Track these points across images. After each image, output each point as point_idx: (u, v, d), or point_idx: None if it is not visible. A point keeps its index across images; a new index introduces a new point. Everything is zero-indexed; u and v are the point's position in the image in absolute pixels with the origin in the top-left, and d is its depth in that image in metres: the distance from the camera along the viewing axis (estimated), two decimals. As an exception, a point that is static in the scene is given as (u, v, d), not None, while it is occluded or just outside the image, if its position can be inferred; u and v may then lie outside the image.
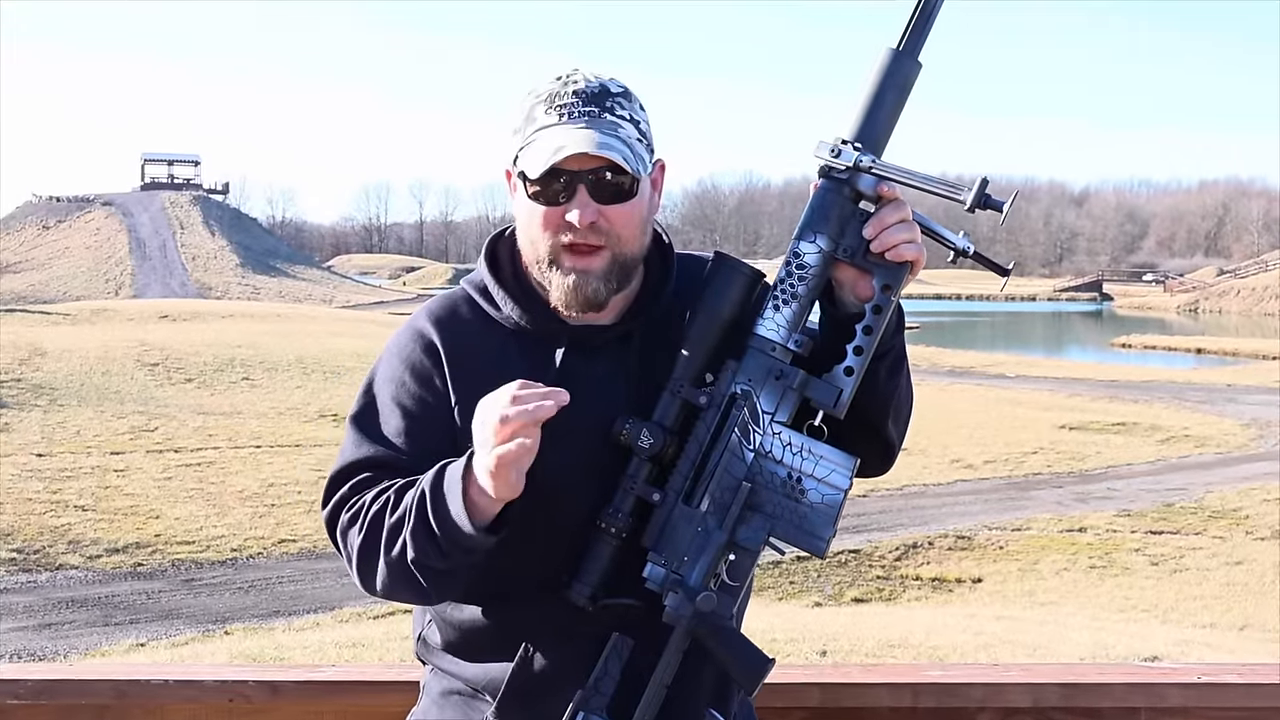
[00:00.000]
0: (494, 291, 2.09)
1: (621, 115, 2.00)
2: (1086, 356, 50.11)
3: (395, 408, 2.06)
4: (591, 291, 1.99)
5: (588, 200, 1.96)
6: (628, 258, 2.02)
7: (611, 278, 2.00)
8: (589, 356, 2.03)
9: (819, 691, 2.56)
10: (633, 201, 2.00)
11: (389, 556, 1.93)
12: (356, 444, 2.07)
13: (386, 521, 1.94)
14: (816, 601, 12.87)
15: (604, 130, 1.96)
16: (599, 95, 1.99)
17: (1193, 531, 15.91)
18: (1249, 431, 24.42)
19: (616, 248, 2.00)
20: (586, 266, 1.99)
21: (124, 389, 25.68)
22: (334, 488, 2.06)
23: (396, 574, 1.94)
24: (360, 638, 9.76)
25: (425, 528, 1.88)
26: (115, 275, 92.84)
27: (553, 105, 1.99)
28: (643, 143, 2.02)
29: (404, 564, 1.91)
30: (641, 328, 2.06)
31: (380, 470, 2.03)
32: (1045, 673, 2.65)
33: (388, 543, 1.93)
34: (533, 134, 1.99)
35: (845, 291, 1.98)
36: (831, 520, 1.91)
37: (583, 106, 1.98)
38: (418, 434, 2.03)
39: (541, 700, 1.97)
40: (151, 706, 2.65)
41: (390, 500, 1.95)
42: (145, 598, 12.59)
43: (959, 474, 19.20)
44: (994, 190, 1.86)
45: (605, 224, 1.97)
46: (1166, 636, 10.49)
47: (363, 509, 1.98)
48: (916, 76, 1.97)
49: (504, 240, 2.15)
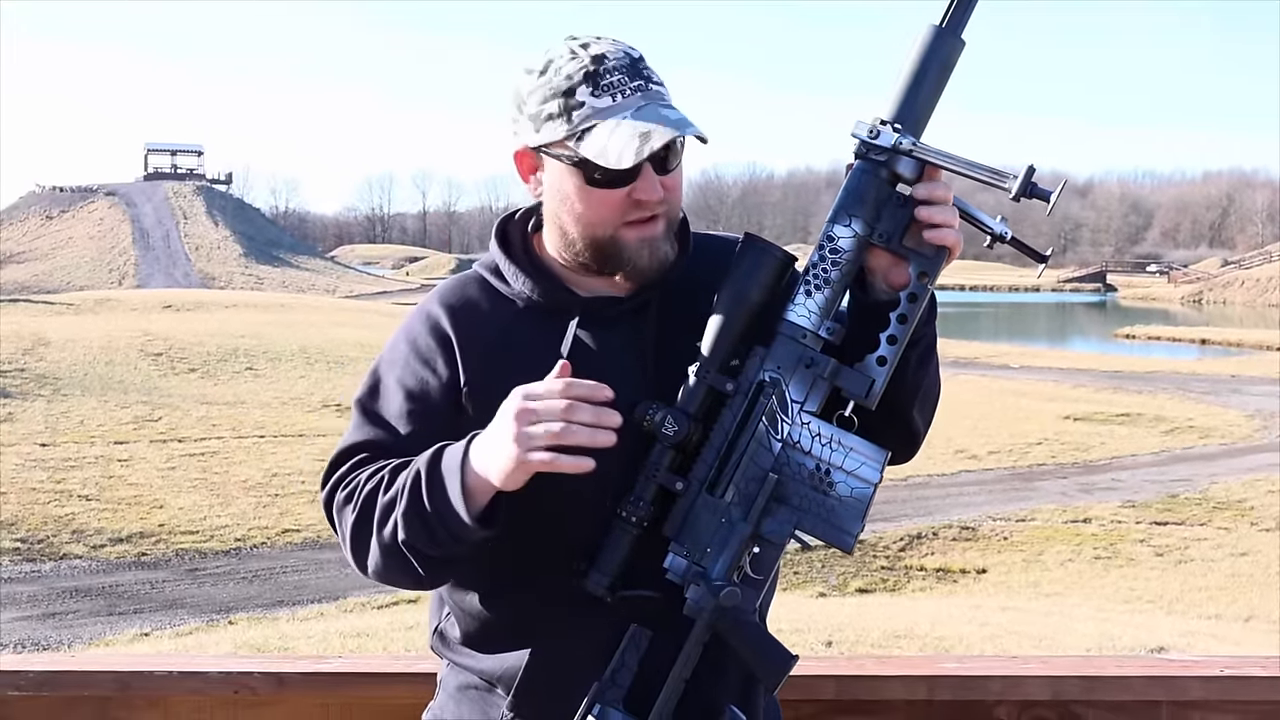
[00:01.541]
0: (505, 268, 2.04)
1: (658, 81, 1.95)
2: (1090, 347, 50.05)
3: (399, 390, 2.01)
4: (663, 255, 1.96)
5: (653, 175, 1.91)
6: (677, 218, 2.00)
7: (670, 239, 1.97)
8: (604, 329, 1.97)
9: (834, 684, 2.52)
10: (680, 167, 1.97)
11: (380, 537, 1.89)
12: (358, 426, 2.03)
13: (379, 501, 1.89)
14: (821, 592, 12.85)
15: (661, 104, 1.91)
16: (634, 67, 1.93)
17: (1197, 523, 15.88)
18: (1253, 422, 24.38)
19: (670, 212, 1.97)
20: (652, 234, 1.94)
21: (128, 379, 25.69)
22: (333, 469, 2.02)
23: (388, 556, 1.90)
24: (365, 628, 9.73)
25: (418, 511, 1.83)
26: (119, 265, 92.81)
27: (598, 86, 1.90)
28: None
29: (395, 546, 1.87)
30: (657, 299, 2.01)
31: (380, 452, 1.99)
32: (1064, 665, 2.61)
33: (379, 523, 1.89)
34: (587, 119, 1.90)
35: (878, 278, 1.91)
36: (860, 514, 1.85)
37: (630, 82, 1.91)
38: (421, 417, 1.98)
39: (557, 692, 1.92)
40: (155, 698, 2.62)
41: (384, 479, 1.91)
42: (149, 587, 12.58)
43: (963, 465, 19.17)
44: (1038, 179, 1.79)
45: (665, 194, 1.94)
46: (1172, 627, 10.46)
47: (357, 488, 1.94)
48: (959, 55, 1.89)
49: (514, 222, 2.11)
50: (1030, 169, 1.79)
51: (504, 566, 1.97)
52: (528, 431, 1.76)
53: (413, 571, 1.89)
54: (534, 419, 1.76)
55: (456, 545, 1.84)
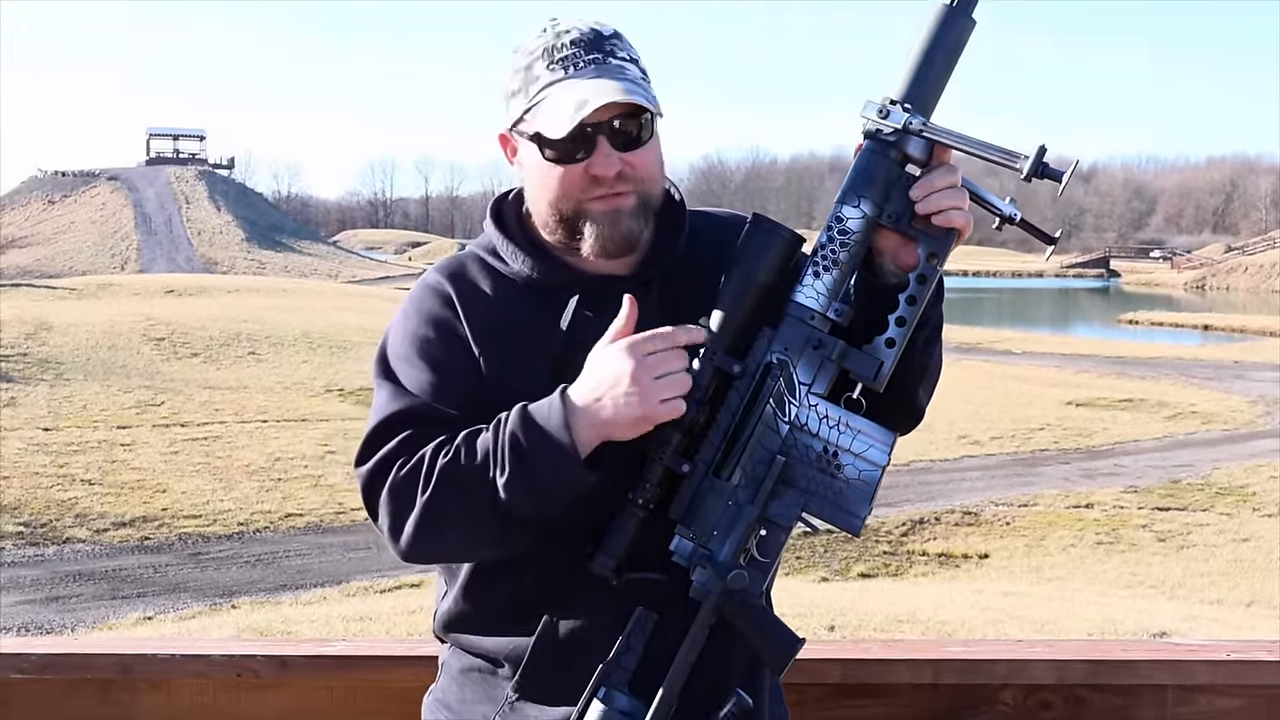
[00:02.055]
0: (502, 247, 2.03)
1: (622, 57, 1.93)
2: (1093, 333, 50.06)
3: (421, 359, 1.97)
4: (626, 230, 1.92)
5: (610, 150, 1.89)
6: (652, 197, 1.96)
7: (641, 216, 1.94)
8: (604, 308, 1.93)
9: (839, 667, 2.52)
10: (651, 143, 1.94)
11: (465, 506, 1.84)
12: (391, 398, 1.97)
13: (462, 470, 1.84)
14: (823, 577, 12.85)
15: (616, 76, 1.89)
16: (595, 41, 1.92)
17: (1200, 508, 15.88)
18: (1256, 408, 24.37)
19: (642, 189, 1.94)
20: (617, 206, 1.92)
21: (130, 363, 25.69)
22: (375, 444, 1.94)
23: (472, 525, 1.85)
24: (367, 611, 9.74)
25: (524, 467, 1.80)
26: (121, 250, 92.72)
27: (554, 60, 1.91)
28: (647, 80, 1.96)
29: (487, 512, 1.83)
30: (659, 277, 1.99)
31: (419, 424, 1.93)
32: (1070, 649, 2.60)
33: (465, 491, 1.84)
34: (539, 93, 1.91)
35: (886, 259, 1.89)
36: (868, 497, 1.83)
37: (585, 55, 1.90)
38: (448, 385, 1.94)
39: (563, 675, 1.91)
40: (158, 680, 2.62)
41: (461, 449, 1.86)
42: (152, 571, 12.59)
43: (966, 450, 19.17)
44: (1050, 159, 1.77)
45: (630, 170, 1.91)
46: (1174, 612, 10.46)
47: (423, 463, 1.88)
48: (970, 35, 1.87)
49: (508, 202, 2.10)
50: (1042, 149, 1.77)
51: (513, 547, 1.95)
52: (658, 384, 1.79)
53: (501, 540, 1.87)
54: (658, 371, 1.79)
55: (561, 497, 1.82)
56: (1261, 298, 79.87)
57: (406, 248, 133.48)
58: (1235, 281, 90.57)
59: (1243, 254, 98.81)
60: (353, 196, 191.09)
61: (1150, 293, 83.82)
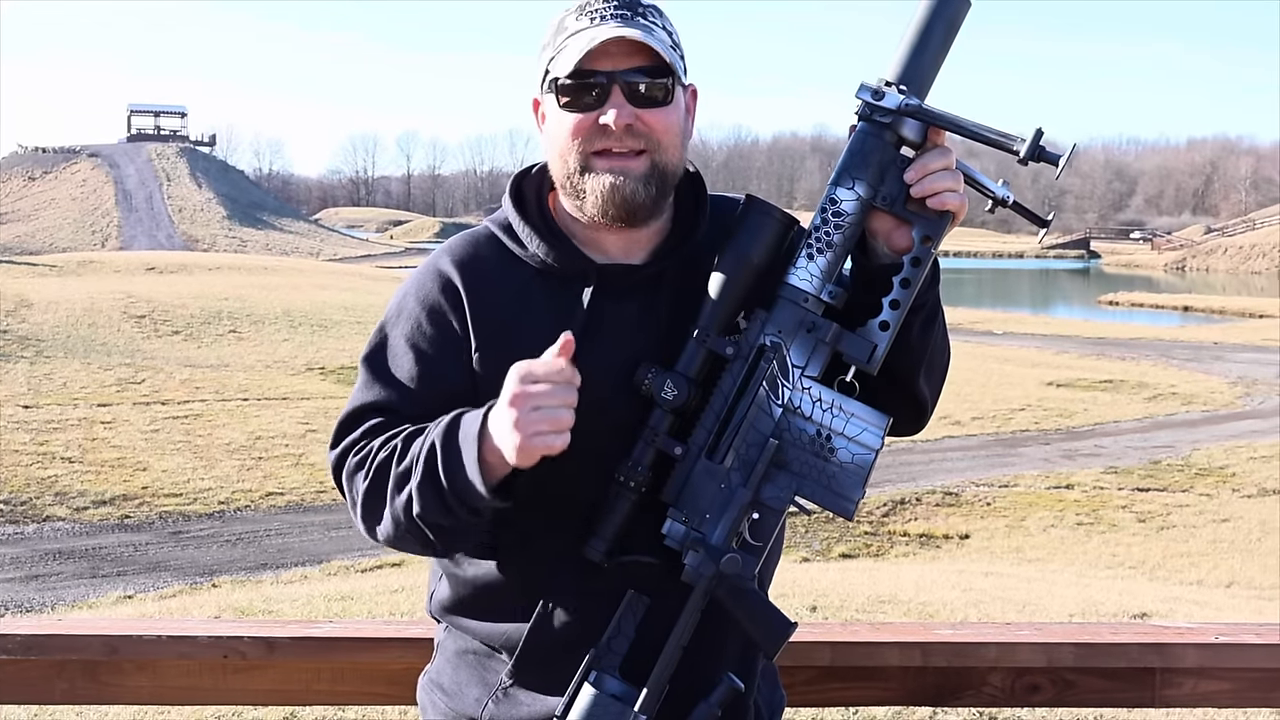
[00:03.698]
0: (519, 228, 2.00)
1: (654, 21, 1.92)
2: (1074, 314, 50.17)
3: (409, 350, 1.96)
4: (630, 192, 1.89)
5: (623, 101, 1.87)
6: (667, 167, 1.93)
7: (651, 183, 1.91)
8: (618, 298, 1.94)
9: (829, 650, 2.52)
10: (670, 107, 1.91)
11: (394, 507, 1.86)
12: (367, 385, 1.98)
13: (393, 471, 1.86)
14: (805, 557, 12.85)
15: (639, 27, 1.87)
16: (631, 2, 1.91)
17: (1179, 489, 15.93)
18: (1235, 389, 24.45)
19: (656, 153, 1.91)
20: (625, 167, 1.89)
21: (111, 341, 25.57)
22: (343, 431, 1.97)
23: (401, 526, 1.86)
24: (349, 591, 9.71)
25: (433, 483, 1.80)
26: (102, 227, 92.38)
27: (583, 12, 1.90)
28: (676, 51, 1.94)
29: (409, 517, 1.84)
30: (673, 268, 1.97)
31: (391, 415, 1.95)
32: (1058, 632, 2.61)
33: (392, 493, 1.85)
34: (563, 41, 1.90)
35: (880, 242, 1.89)
36: (861, 481, 1.83)
37: (615, 10, 1.89)
38: (432, 377, 1.94)
39: (559, 659, 1.91)
40: (144, 662, 2.61)
41: (398, 448, 1.87)
42: (133, 550, 12.54)
43: (946, 430, 19.16)
44: (1047, 142, 1.76)
45: (643, 128, 1.88)
46: (1154, 593, 10.49)
47: (370, 455, 1.90)
48: (965, 15, 1.86)
49: (529, 178, 2.07)
50: (1039, 132, 1.76)
51: (504, 532, 1.95)
52: (531, 417, 1.72)
53: (425, 541, 1.87)
54: (535, 404, 1.73)
55: (471, 516, 1.81)
56: (1241, 279, 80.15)
57: (388, 226, 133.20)
58: (1215, 263, 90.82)
59: (1222, 235, 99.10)
60: (334, 174, 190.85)
61: (1130, 274, 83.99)
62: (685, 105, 1.97)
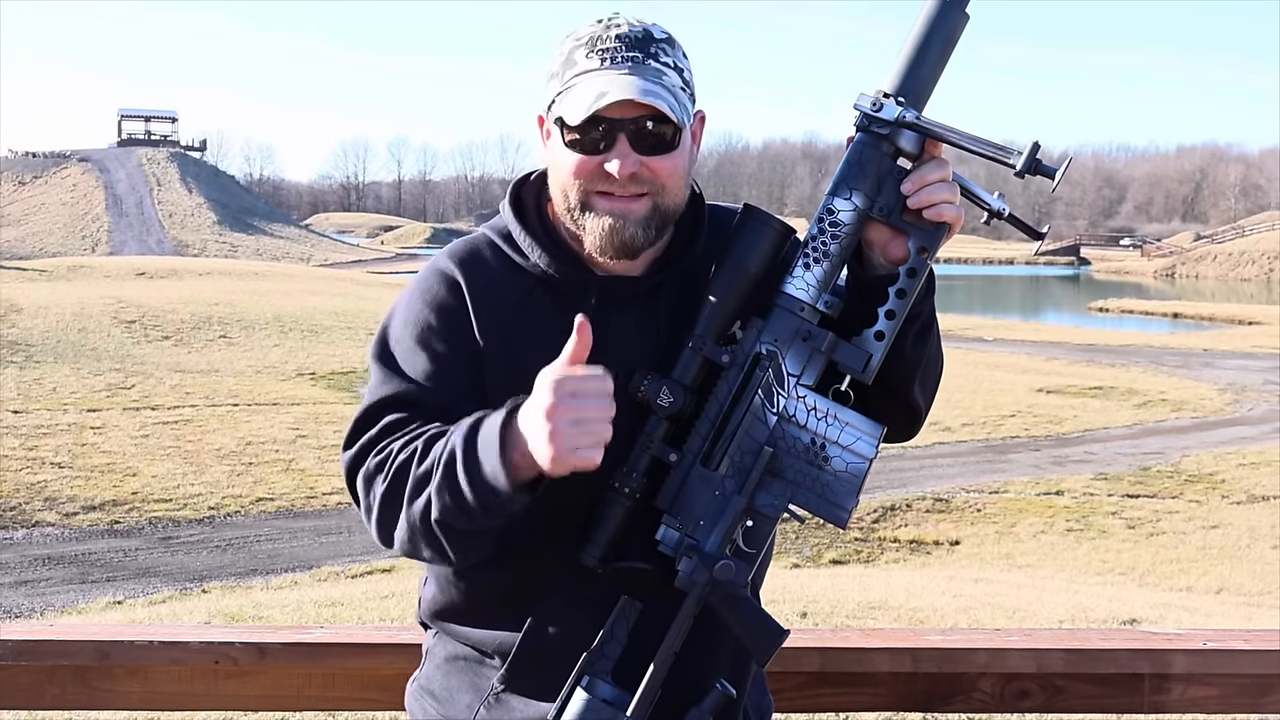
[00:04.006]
0: (519, 237, 2.00)
1: (665, 62, 1.91)
2: (1064, 320, 50.33)
3: (420, 349, 1.95)
4: (629, 236, 1.90)
5: (628, 150, 1.87)
6: (669, 208, 1.93)
7: (651, 225, 1.91)
8: (618, 309, 1.94)
9: (819, 656, 2.52)
10: (675, 153, 1.91)
11: (410, 511, 1.82)
12: (383, 382, 1.95)
13: (412, 473, 1.82)
14: (795, 563, 12.86)
15: (648, 77, 1.87)
16: (643, 40, 1.90)
17: (1169, 495, 15.96)
18: (1225, 396, 24.51)
19: (659, 196, 1.91)
20: (626, 210, 1.89)
21: (101, 346, 25.55)
22: (361, 428, 1.94)
23: (418, 531, 1.83)
24: (339, 597, 9.70)
25: (453, 486, 1.76)
26: (92, 232, 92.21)
27: (594, 49, 1.89)
28: (686, 92, 1.93)
29: (426, 522, 1.80)
30: (673, 280, 1.98)
31: (411, 409, 1.92)
32: (1048, 638, 2.62)
33: (411, 496, 1.82)
34: (572, 79, 1.90)
35: (876, 252, 1.90)
36: (855, 490, 1.84)
37: (626, 51, 1.88)
38: (446, 375, 1.92)
39: (551, 664, 1.91)
40: (135, 668, 2.60)
41: (419, 450, 1.84)
42: (122, 555, 12.52)
43: (936, 436, 19.19)
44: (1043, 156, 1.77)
45: (647, 174, 1.88)
46: (1144, 599, 10.51)
47: (390, 457, 1.87)
48: (964, 29, 1.88)
49: (529, 185, 2.07)
50: (1035, 145, 1.78)
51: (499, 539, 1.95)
52: (572, 431, 1.69)
53: (439, 548, 1.84)
54: (576, 417, 1.70)
55: (496, 519, 1.79)
56: (1230, 286, 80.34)
57: (379, 231, 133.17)
58: (1204, 270, 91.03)
59: (1212, 242, 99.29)
60: (325, 179, 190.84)
61: (1120, 280, 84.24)
62: (692, 135, 1.97)
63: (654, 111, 1.86)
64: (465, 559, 1.88)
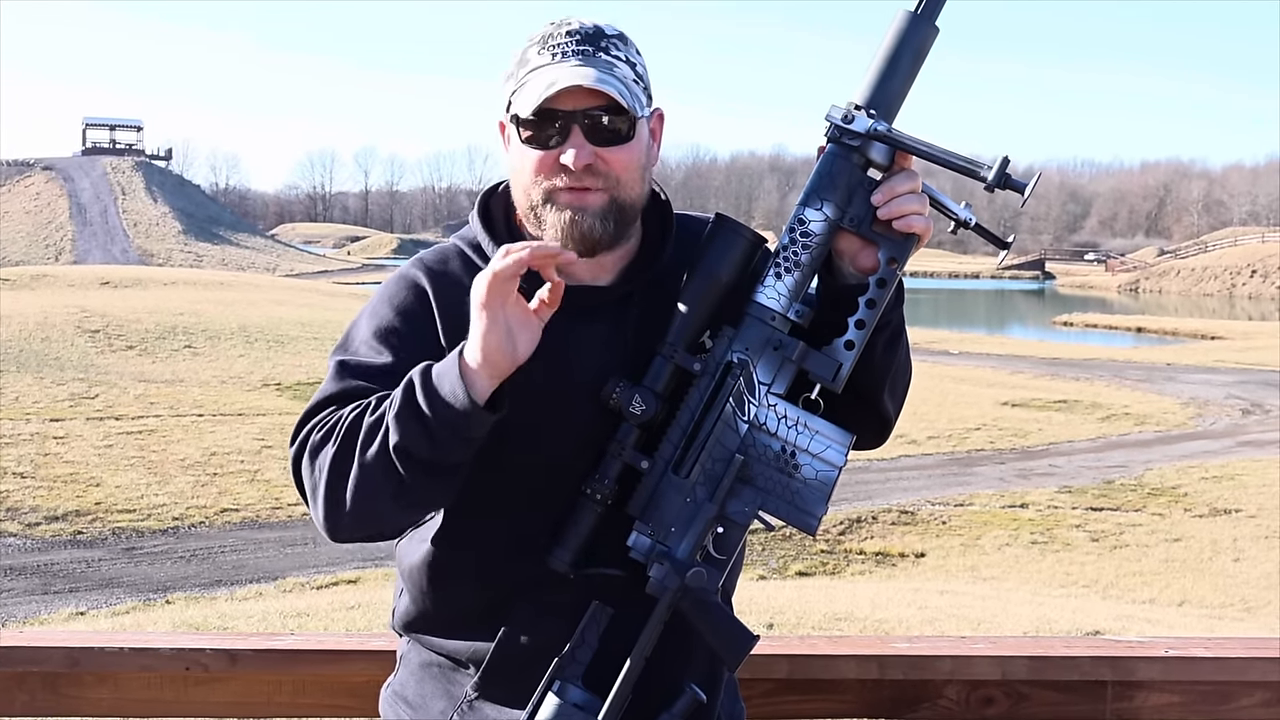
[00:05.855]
0: (488, 248, 2.01)
1: (617, 56, 1.94)
2: (1029, 334, 50.57)
3: (383, 348, 1.96)
4: (588, 228, 1.91)
5: (583, 141, 1.89)
6: (626, 202, 1.95)
7: (609, 218, 1.93)
8: (587, 318, 1.96)
9: (787, 663, 2.54)
10: (630, 144, 1.93)
11: (364, 457, 1.80)
12: (335, 379, 1.96)
13: (364, 422, 1.83)
14: (761, 575, 12.89)
15: (599, 68, 1.90)
16: (593, 35, 1.93)
17: (1132, 508, 16.06)
18: (1188, 410, 24.67)
19: (615, 190, 1.93)
20: (583, 203, 1.91)
21: (64, 355, 25.37)
22: (306, 420, 1.93)
23: (374, 475, 1.80)
24: (305, 608, 9.68)
25: (413, 407, 1.77)
26: (55, 240, 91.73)
27: (545, 46, 1.93)
28: (639, 84, 1.96)
29: (385, 456, 1.79)
30: (641, 289, 2.00)
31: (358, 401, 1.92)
32: (1013, 645, 2.64)
33: (365, 441, 1.81)
34: (525, 75, 1.93)
35: (846, 262, 1.92)
36: (824, 497, 1.86)
37: (576, 45, 1.91)
38: (403, 375, 1.89)
39: (524, 671, 1.92)
40: (105, 674, 2.60)
41: (370, 405, 1.85)
42: (85, 566, 12.44)
43: (902, 449, 19.25)
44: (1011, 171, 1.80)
45: (603, 166, 1.91)
46: (1107, 611, 10.58)
47: (337, 421, 1.87)
48: (933, 42, 1.90)
49: (497, 196, 2.09)
50: (1005, 160, 1.81)
51: (468, 544, 1.96)
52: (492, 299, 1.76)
53: (399, 494, 1.82)
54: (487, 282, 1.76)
55: (459, 441, 1.78)
56: (1193, 301, 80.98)
57: (345, 242, 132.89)
58: (1168, 285, 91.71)
59: (1175, 258, 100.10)
60: (291, 189, 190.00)
61: (1085, 295, 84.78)
62: (650, 131, 2.00)
63: (606, 103, 1.88)
64: (425, 502, 1.88)
